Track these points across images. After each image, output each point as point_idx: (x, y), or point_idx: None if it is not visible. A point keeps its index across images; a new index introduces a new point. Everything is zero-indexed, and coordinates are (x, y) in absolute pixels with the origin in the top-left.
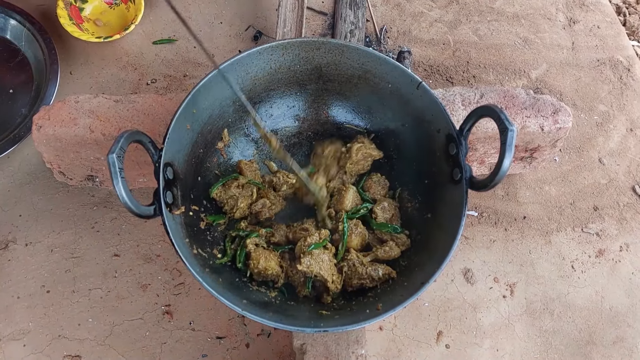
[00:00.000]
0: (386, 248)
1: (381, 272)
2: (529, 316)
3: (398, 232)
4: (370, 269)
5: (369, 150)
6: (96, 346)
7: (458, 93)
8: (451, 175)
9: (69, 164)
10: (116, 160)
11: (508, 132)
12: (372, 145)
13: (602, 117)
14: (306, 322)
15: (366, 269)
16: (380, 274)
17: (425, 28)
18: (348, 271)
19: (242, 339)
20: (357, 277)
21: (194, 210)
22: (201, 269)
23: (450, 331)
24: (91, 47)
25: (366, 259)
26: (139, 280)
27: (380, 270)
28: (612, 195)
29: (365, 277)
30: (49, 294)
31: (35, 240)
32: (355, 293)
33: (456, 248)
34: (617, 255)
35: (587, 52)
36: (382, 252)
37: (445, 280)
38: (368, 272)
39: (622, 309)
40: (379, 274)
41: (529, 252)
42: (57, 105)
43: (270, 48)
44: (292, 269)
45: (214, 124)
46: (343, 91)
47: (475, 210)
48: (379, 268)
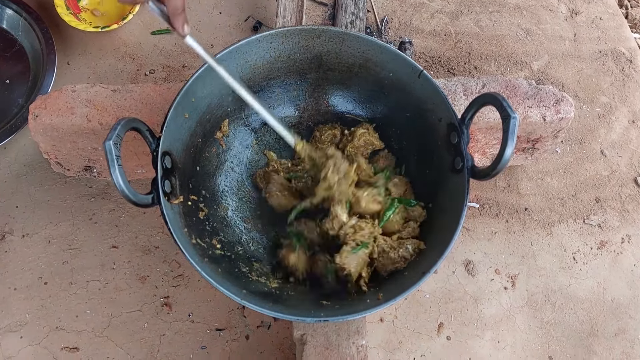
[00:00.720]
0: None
1: (411, 248)
2: (530, 308)
3: (412, 205)
4: (402, 250)
5: (372, 137)
6: (94, 338)
7: (460, 83)
8: (453, 165)
9: (66, 155)
10: (113, 148)
11: (510, 120)
12: (375, 134)
13: (604, 108)
14: (306, 312)
15: (397, 251)
16: (411, 249)
17: (426, 19)
18: (380, 258)
19: (242, 331)
20: (391, 262)
21: (192, 200)
22: (200, 259)
23: (451, 323)
24: (89, 37)
25: (395, 241)
26: (137, 272)
27: (410, 247)
28: (614, 187)
29: (399, 259)
30: (46, 285)
31: (32, 231)
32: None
33: (457, 238)
34: (619, 247)
35: (589, 44)
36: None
37: (447, 272)
38: (400, 254)
39: (624, 300)
40: (409, 251)
41: (531, 243)
42: (53, 94)
43: (270, 36)
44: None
45: (213, 113)
46: (344, 80)
47: (477, 202)
48: (407, 245)
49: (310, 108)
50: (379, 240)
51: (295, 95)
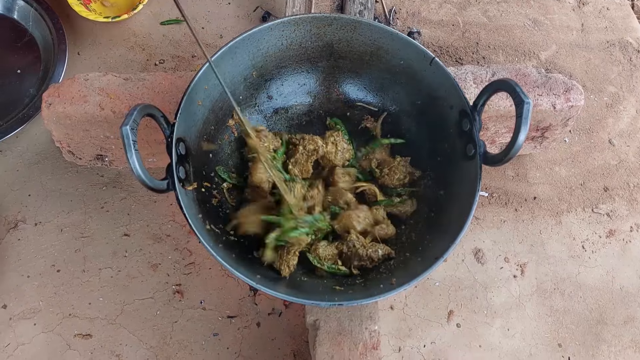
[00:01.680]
0: (383, 225)
1: (381, 252)
2: (540, 296)
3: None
4: (371, 251)
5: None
6: (107, 325)
7: (470, 71)
8: (464, 152)
9: (78, 143)
10: (130, 132)
11: (524, 105)
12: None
13: (612, 98)
14: (320, 296)
15: (366, 250)
16: (380, 254)
17: (434, 9)
18: (348, 252)
19: (253, 318)
20: (358, 258)
21: (206, 186)
22: (215, 244)
23: (461, 310)
24: (99, 28)
25: (367, 239)
26: (149, 259)
27: (380, 251)
28: (622, 176)
29: (366, 258)
30: (59, 273)
31: (45, 219)
32: (370, 270)
33: (469, 225)
34: (628, 235)
35: (596, 34)
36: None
37: (456, 260)
38: (368, 254)
39: (633, 289)
40: (378, 255)
41: (540, 232)
42: (66, 82)
43: (282, 24)
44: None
45: (225, 100)
46: (355, 68)
47: (486, 190)
48: (378, 249)
49: (322, 96)
50: (352, 235)
51: (307, 83)
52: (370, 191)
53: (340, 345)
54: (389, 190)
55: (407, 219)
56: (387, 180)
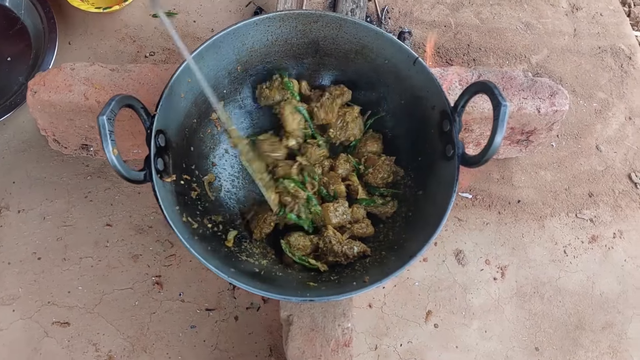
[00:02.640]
0: (362, 224)
1: (356, 249)
2: (519, 299)
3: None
4: (346, 247)
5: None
6: (85, 314)
7: (456, 72)
8: (444, 152)
9: (63, 132)
10: (106, 123)
11: (501, 108)
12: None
13: (601, 104)
14: (293, 291)
15: (342, 247)
16: (355, 251)
17: (427, 10)
18: (324, 247)
19: (232, 312)
20: (332, 254)
21: (185, 179)
22: (190, 237)
23: (440, 311)
24: (90, 18)
25: (343, 236)
26: (130, 250)
27: (355, 248)
28: (608, 182)
29: (341, 255)
30: (40, 260)
31: (28, 207)
32: (344, 267)
33: (449, 228)
34: (611, 241)
35: (588, 39)
36: (357, 228)
37: (437, 260)
38: (343, 251)
39: (613, 295)
40: (354, 252)
41: (522, 235)
42: (52, 71)
43: (267, 19)
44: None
45: None
46: (340, 66)
47: (470, 192)
48: (354, 246)
49: None
50: (329, 231)
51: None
52: (354, 187)
53: (312, 341)
54: (372, 189)
55: (386, 218)
56: (371, 178)
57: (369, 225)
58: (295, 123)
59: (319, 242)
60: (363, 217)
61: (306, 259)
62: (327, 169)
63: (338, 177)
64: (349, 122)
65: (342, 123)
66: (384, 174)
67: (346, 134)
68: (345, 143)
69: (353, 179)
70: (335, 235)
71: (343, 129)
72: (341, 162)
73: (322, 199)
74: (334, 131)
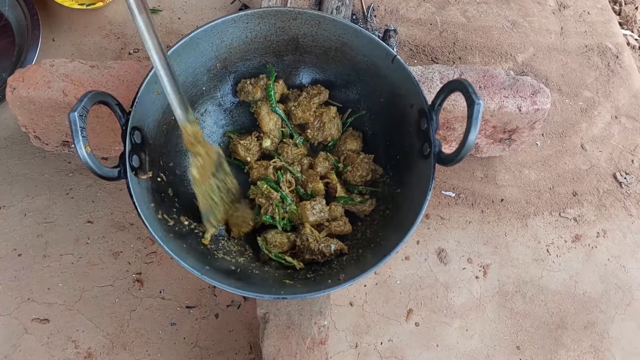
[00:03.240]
0: (340, 222)
1: (333, 247)
2: (501, 298)
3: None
4: (323, 245)
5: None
6: (65, 311)
7: (437, 70)
8: (421, 151)
9: (44, 129)
10: (78, 119)
11: (475, 106)
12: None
13: (587, 103)
14: (267, 289)
15: (319, 245)
16: (332, 249)
17: (413, 7)
18: (301, 245)
19: (212, 309)
20: (309, 252)
21: (161, 176)
22: (165, 234)
23: (421, 309)
24: (75, 14)
25: (321, 234)
26: (111, 247)
27: (332, 246)
28: (592, 181)
29: (317, 253)
30: (20, 257)
31: (9, 204)
32: (321, 265)
33: (427, 222)
34: (594, 241)
35: (575, 38)
36: (335, 226)
37: (419, 259)
38: (320, 249)
39: (595, 294)
40: (330, 250)
41: (505, 234)
42: (31, 68)
43: (246, 16)
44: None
45: (187, 91)
46: (320, 63)
47: (453, 191)
48: (331, 244)
49: None
50: (307, 229)
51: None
52: (332, 185)
53: (288, 339)
54: (351, 188)
55: (365, 216)
56: (350, 176)
57: (346, 223)
58: (271, 123)
59: (296, 240)
60: (341, 215)
61: (282, 256)
62: (307, 167)
63: (317, 175)
64: (326, 123)
65: (319, 123)
66: (362, 172)
67: (323, 134)
68: (324, 143)
69: (332, 177)
70: (312, 233)
71: (320, 130)
72: (320, 160)
73: (300, 198)
74: (312, 132)
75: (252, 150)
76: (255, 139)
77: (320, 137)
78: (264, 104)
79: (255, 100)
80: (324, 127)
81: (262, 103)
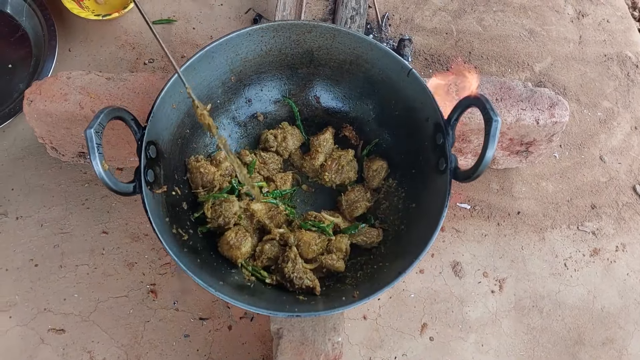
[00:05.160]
0: (334, 256)
1: (306, 282)
2: (517, 313)
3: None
4: (294, 275)
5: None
6: (80, 321)
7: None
8: (437, 166)
9: (60, 140)
10: (94, 136)
11: (492, 123)
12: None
13: (606, 113)
14: (281, 305)
15: (290, 272)
16: (304, 284)
17: (428, 16)
18: (280, 264)
19: (225, 321)
20: (281, 275)
21: (176, 190)
22: (179, 249)
23: (436, 324)
24: (91, 25)
25: (310, 265)
26: (125, 258)
27: (306, 281)
28: (612, 194)
29: (287, 280)
30: (37, 267)
31: (26, 214)
32: (336, 281)
33: (442, 235)
34: (613, 255)
35: (594, 47)
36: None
37: (434, 272)
38: (291, 277)
39: (614, 310)
40: (301, 283)
41: (521, 248)
42: (49, 80)
43: (261, 30)
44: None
45: (202, 104)
46: (335, 76)
47: (468, 203)
48: (306, 278)
49: (301, 103)
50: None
51: (286, 90)
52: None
53: (302, 355)
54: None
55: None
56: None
57: (339, 259)
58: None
59: (279, 257)
60: (345, 248)
61: (258, 269)
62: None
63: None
64: (344, 166)
65: (337, 166)
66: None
67: (341, 177)
68: (341, 187)
69: (331, 219)
70: (295, 259)
71: (338, 173)
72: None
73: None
74: (329, 174)
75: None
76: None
77: (338, 180)
78: (253, 203)
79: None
80: (342, 170)
81: (252, 202)
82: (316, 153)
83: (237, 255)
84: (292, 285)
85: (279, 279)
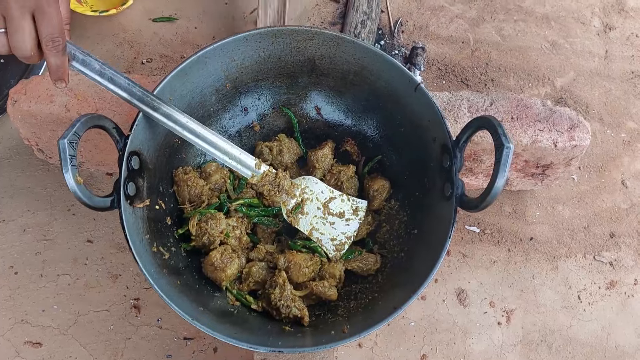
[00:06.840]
0: (325, 283)
1: (294, 311)
2: (524, 347)
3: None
4: (282, 303)
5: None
6: (58, 335)
7: (465, 98)
8: (442, 190)
9: (46, 142)
10: (67, 146)
11: (504, 150)
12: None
13: (631, 135)
14: (264, 337)
15: (277, 300)
16: (291, 313)
17: (444, 24)
18: (267, 289)
19: (210, 343)
20: (267, 302)
21: (160, 204)
22: (158, 269)
23: (436, 355)
24: (88, 21)
25: (301, 291)
26: (109, 269)
27: (293, 309)
28: (633, 222)
29: (273, 307)
30: (17, 275)
31: (9, 218)
32: (327, 310)
33: (447, 258)
34: (631, 289)
35: (621, 63)
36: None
37: (436, 299)
38: (277, 305)
39: (630, 348)
40: (289, 312)
41: (532, 277)
42: (35, 79)
43: (259, 35)
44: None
45: (193, 112)
46: (337, 87)
47: (478, 226)
48: (294, 306)
49: (300, 114)
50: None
51: (285, 100)
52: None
53: None
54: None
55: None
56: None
57: (331, 287)
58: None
59: (267, 284)
60: (340, 275)
61: (244, 294)
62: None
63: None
64: (344, 182)
65: (336, 182)
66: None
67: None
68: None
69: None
70: (283, 285)
71: (337, 189)
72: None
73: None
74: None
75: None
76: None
77: None
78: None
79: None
80: (342, 187)
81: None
82: (314, 169)
83: (221, 277)
84: (279, 313)
85: (264, 305)
